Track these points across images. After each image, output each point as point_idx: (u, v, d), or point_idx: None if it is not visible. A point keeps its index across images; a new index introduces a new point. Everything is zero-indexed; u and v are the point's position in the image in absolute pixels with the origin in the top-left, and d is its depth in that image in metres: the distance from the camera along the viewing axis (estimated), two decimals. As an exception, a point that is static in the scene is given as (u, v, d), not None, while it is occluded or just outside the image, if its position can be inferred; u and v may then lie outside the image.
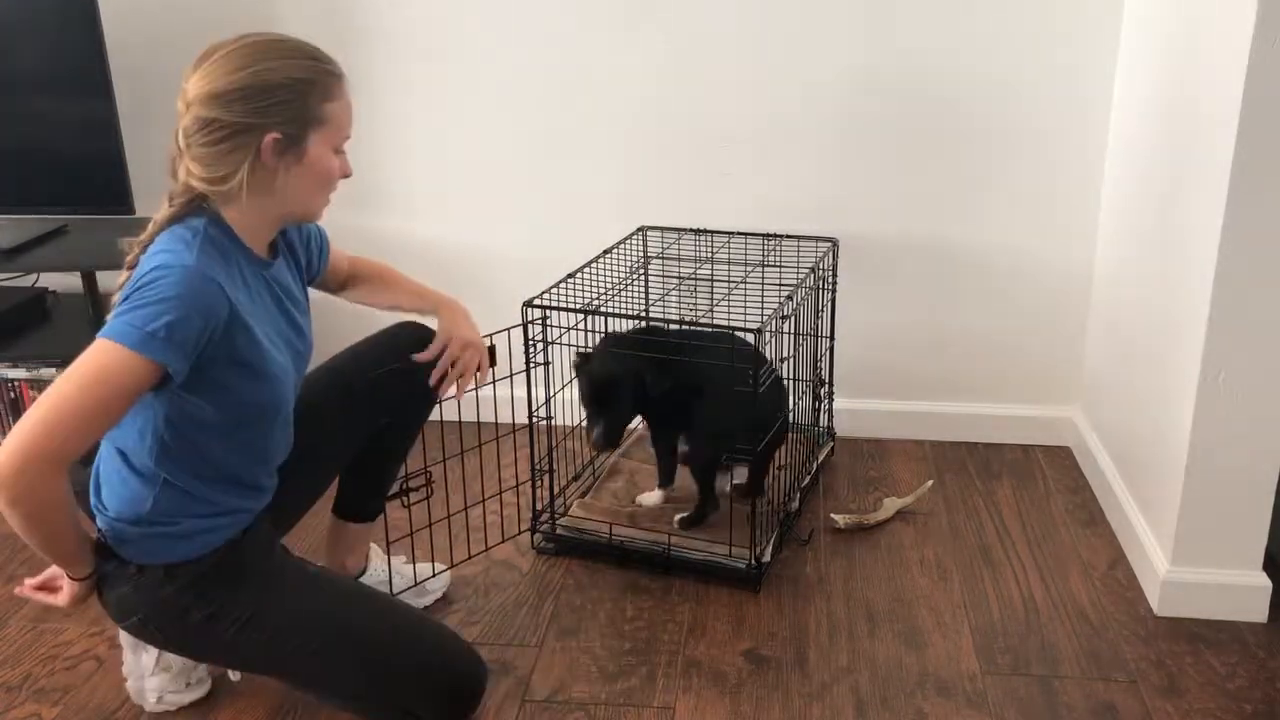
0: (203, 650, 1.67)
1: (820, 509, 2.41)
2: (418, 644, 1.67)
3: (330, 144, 1.56)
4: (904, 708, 1.80)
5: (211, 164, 1.49)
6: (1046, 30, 2.42)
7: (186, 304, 1.42)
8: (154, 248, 1.50)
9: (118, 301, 1.46)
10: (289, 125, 1.50)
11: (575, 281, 2.29)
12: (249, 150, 1.49)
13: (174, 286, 1.42)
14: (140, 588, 1.58)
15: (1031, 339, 2.65)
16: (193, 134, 1.48)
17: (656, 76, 2.56)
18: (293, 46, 1.54)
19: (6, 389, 2.57)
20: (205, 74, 1.48)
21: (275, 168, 1.52)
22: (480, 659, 1.72)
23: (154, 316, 1.40)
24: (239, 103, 1.47)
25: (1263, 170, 1.77)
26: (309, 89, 1.51)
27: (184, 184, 1.52)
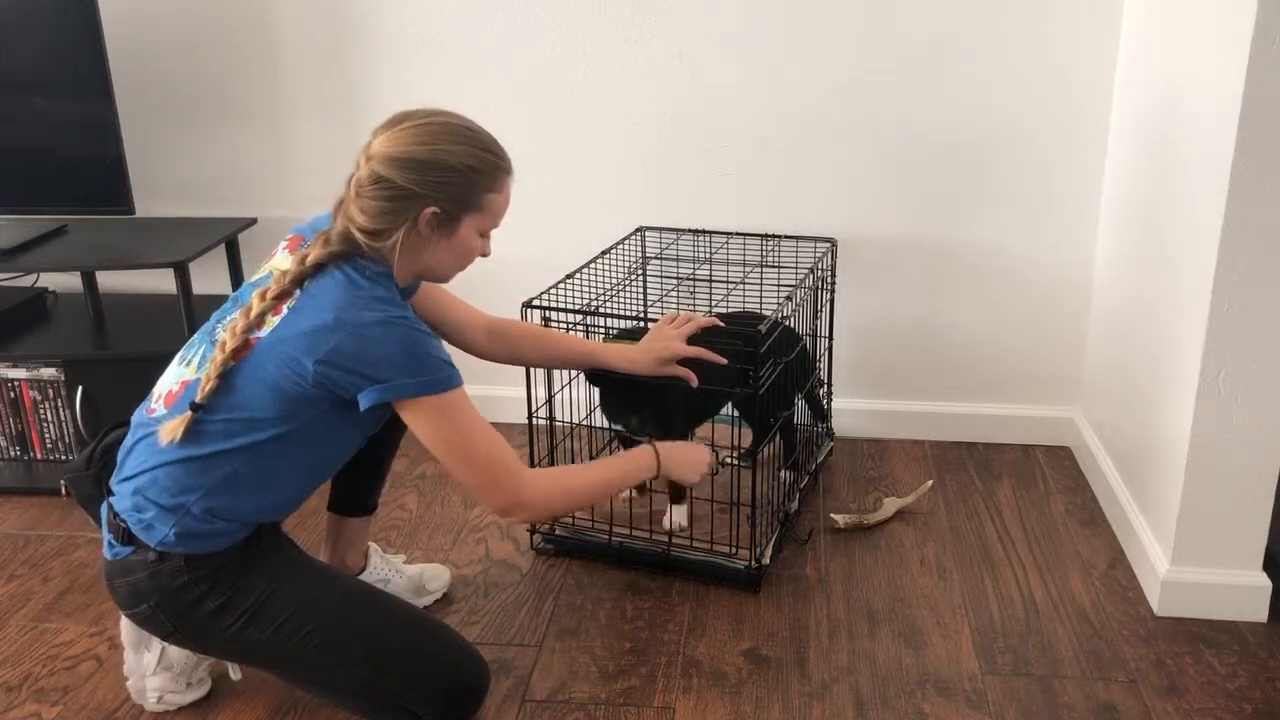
0: (209, 641, 1.68)
1: (820, 509, 2.41)
2: (421, 643, 1.68)
3: (480, 228, 1.68)
4: (904, 708, 1.80)
5: (374, 218, 1.58)
6: (1046, 30, 2.42)
7: (405, 343, 1.56)
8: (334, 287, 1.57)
9: (353, 359, 1.53)
10: (449, 204, 1.61)
11: (574, 282, 2.29)
12: (409, 216, 1.58)
13: (419, 330, 1.58)
14: (157, 575, 1.60)
15: (1031, 339, 2.65)
16: (365, 185, 1.58)
17: (656, 77, 2.56)
18: (475, 136, 1.64)
19: (6, 389, 2.57)
20: (393, 137, 1.58)
21: (426, 236, 1.62)
22: (482, 660, 1.72)
23: (433, 359, 1.57)
24: (413, 172, 1.57)
25: (1263, 170, 1.77)
26: (477, 178, 1.62)
27: (343, 230, 1.60)
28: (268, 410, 1.56)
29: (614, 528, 2.20)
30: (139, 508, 1.59)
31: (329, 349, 1.52)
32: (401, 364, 1.54)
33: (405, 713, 1.66)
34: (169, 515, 1.58)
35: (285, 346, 1.54)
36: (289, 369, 1.54)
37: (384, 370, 1.53)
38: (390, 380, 1.53)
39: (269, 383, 1.55)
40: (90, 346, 2.56)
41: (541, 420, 2.21)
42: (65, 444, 2.60)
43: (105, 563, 1.67)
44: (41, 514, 2.44)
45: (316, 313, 1.55)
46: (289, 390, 1.55)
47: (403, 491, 2.53)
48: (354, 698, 1.69)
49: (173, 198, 2.76)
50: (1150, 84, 2.23)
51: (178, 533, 1.58)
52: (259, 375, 1.55)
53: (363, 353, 1.52)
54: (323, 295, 1.57)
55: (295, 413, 1.56)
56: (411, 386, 1.54)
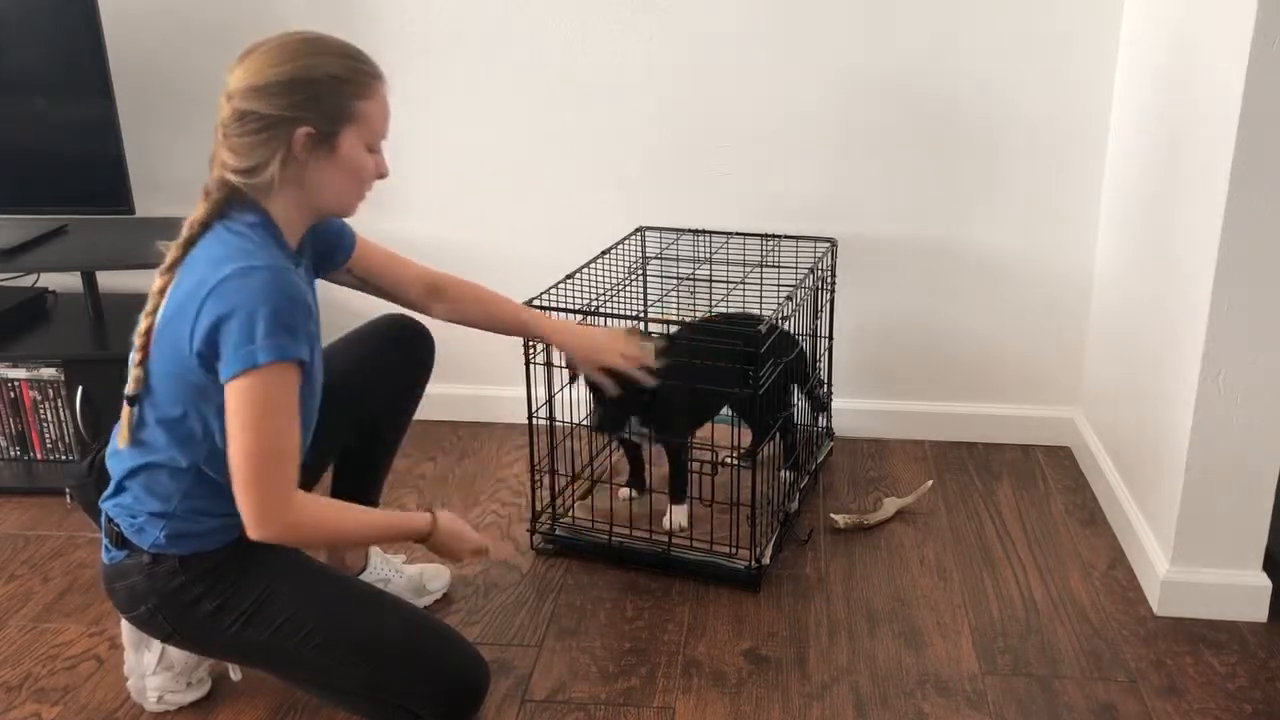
0: (208, 642, 1.67)
1: (820, 509, 2.41)
2: (421, 643, 1.67)
3: (363, 141, 1.59)
4: (904, 708, 1.80)
5: (245, 155, 1.51)
6: (1046, 31, 2.42)
7: (288, 296, 1.46)
8: (209, 252, 1.51)
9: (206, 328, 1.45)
10: (321, 119, 1.53)
11: (574, 282, 2.29)
12: (281, 143, 1.51)
13: (269, 287, 1.45)
14: (153, 577, 1.59)
15: (1031, 339, 2.65)
16: (230, 125, 1.52)
17: (656, 76, 2.56)
18: (333, 45, 1.58)
19: (6, 389, 2.57)
20: (247, 68, 1.52)
21: (306, 161, 1.54)
22: (483, 660, 1.72)
23: (270, 324, 1.43)
24: (276, 96, 1.50)
25: (1263, 170, 1.77)
26: (344, 86, 1.55)
27: (218, 177, 1.54)
28: (186, 401, 1.52)
29: (614, 528, 2.20)
30: (130, 513, 1.59)
31: (194, 318, 1.46)
32: (244, 327, 1.44)
33: (405, 713, 1.65)
34: (156, 519, 1.57)
35: (170, 327, 1.50)
36: (175, 350, 1.49)
37: (233, 334, 1.44)
38: (238, 346, 1.44)
39: (172, 372, 1.51)
40: (90, 346, 2.56)
41: (541, 420, 2.21)
42: (65, 444, 2.60)
43: (103, 567, 1.66)
44: (41, 514, 2.44)
45: (187, 280, 1.49)
46: (189, 375, 1.49)
47: (403, 491, 2.53)
48: (354, 698, 1.69)
49: (173, 198, 2.75)
50: (1150, 84, 2.23)
51: (168, 534, 1.57)
52: (162, 368, 1.52)
53: (209, 313, 1.45)
54: (195, 260, 1.51)
55: (206, 397, 1.50)
56: (254, 353, 1.43)
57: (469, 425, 2.83)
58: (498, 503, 2.47)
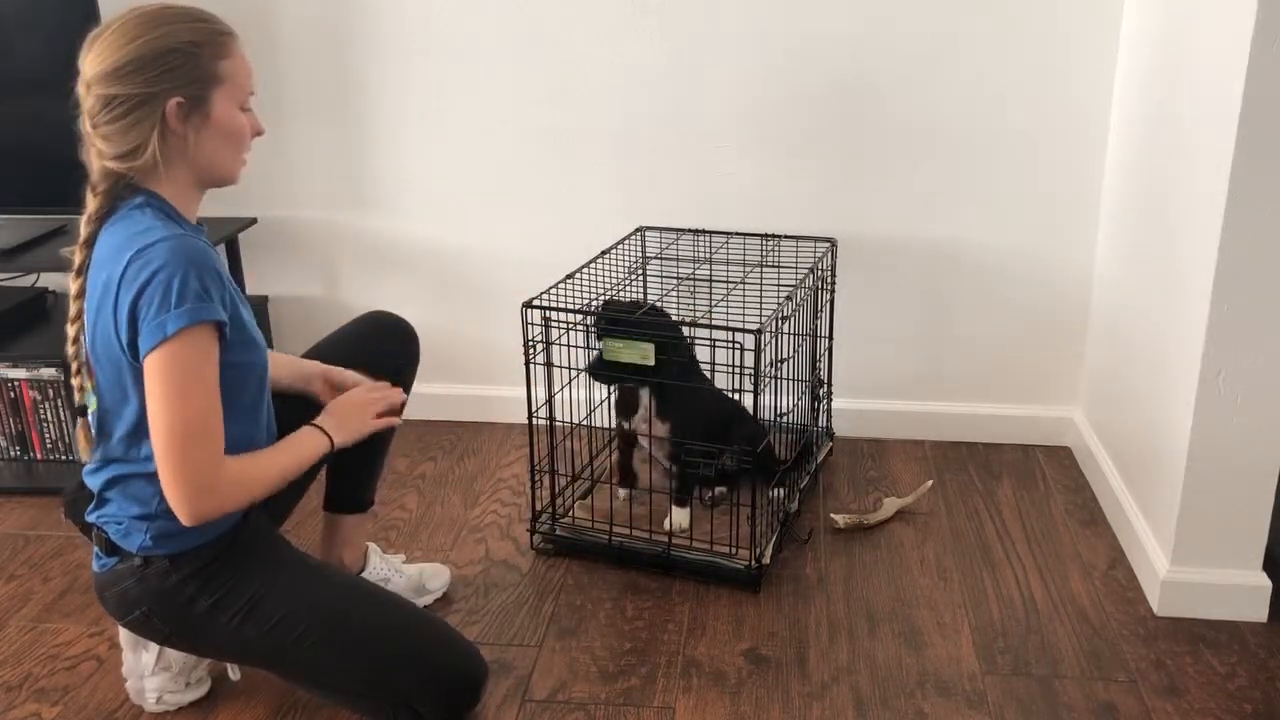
0: (206, 641, 1.67)
1: (820, 509, 2.41)
2: (420, 638, 1.67)
3: (235, 101, 1.57)
4: (904, 708, 1.80)
5: (120, 139, 1.49)
6: (1046, 31, 2.42)
7: (192, 262, 1.45)
8: (109, 246, 1.50)
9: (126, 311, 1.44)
10: (189, 88, 1.51)
11: (574, 282, 2.29)
12: (154, 119, 1.50)
13: (170, 255, 1.44)
14: (144, 580, 1.59)
15: (1031, 339, 2.65)
16: (97, 114, 1.49)
17: (656, 76, 2.56)
18: (178, 11, 1.54)
19: (6, 389, 2.57)
20: (98, 53, 1.50)
21: (184, 132, 1.53)
22: (481, 655, 1.72)
23: (179, 291, 1.42)
24: (135, 74, 1.48)
25: (1263, 170, 1.77)
26: (200, 50, 1.52)
27: (100, 169, 1.52)
28: (138, 401, 1.51)
29: (614, 528, 2.20)
30: (115, 520, 1.60)
31: (113, 312, 1.46)
32: (151, 300, 1.43)
33: (405, 709, 1.66)
34: (140, 521, 1.58)
35: (97, 333, 1.50)
36: (110, 354, 1.50)
37: (143, 310, 1.43)
38: (150, 320, 1.43)
39: (116, 378, 1.51)
40: (90, 346, 2.56)
41: (541, 420, 2.21)
42: (65, 444, 2.60)
43: (95, 577, 1.66)
44: (41, 514, 2.44)
45: (97, 281, 1.49)
46: (130, 374, 1.49)
47: (403, 491, 2.53)
48: (353, 695, 1.69)
49: (173, 198, 2.75)
50: (1150, 84, 2.23)
51: (154, 535, 1.57)
52: (105, 374, 1.52)
53: (125, 298, 1.44)
54: (99, 259, 1.51)
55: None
56: (168, 320, 1.42)
57: (469, 425, 2.83)
58: (498, 503, 2.47)
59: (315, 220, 2.73)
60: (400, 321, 2.01)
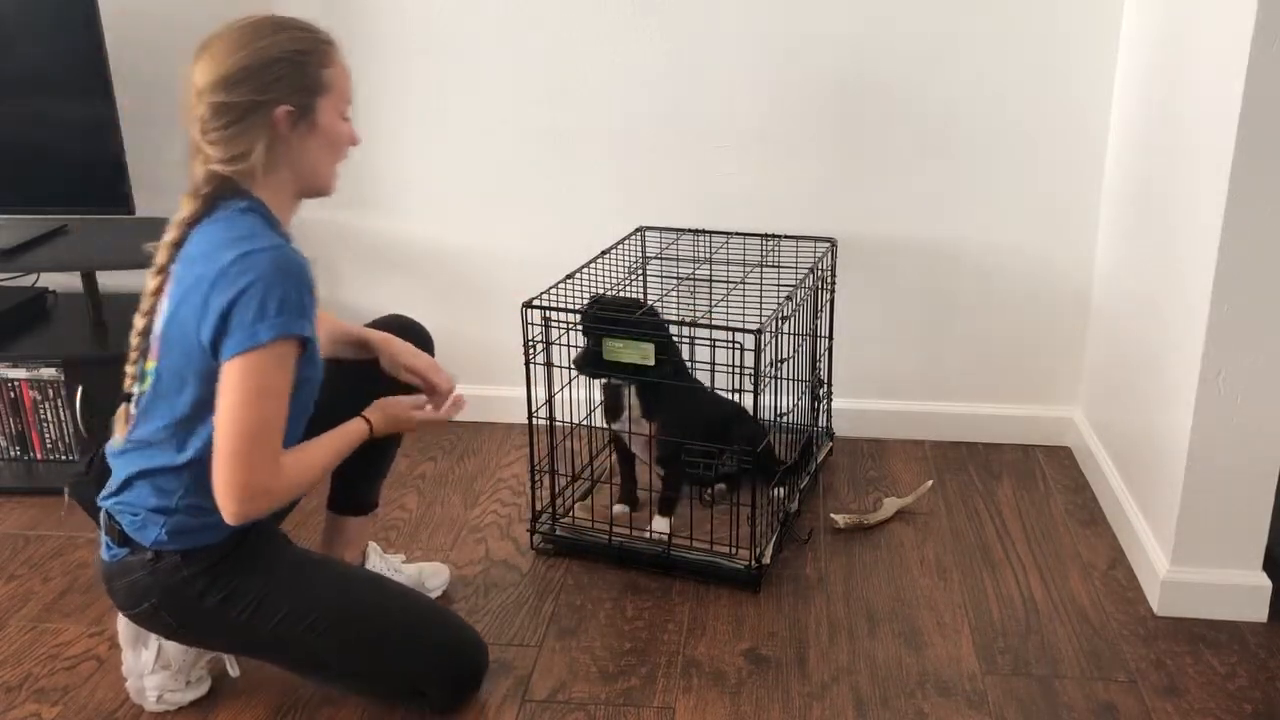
0: (213, 633, 1.68)
1: (820, 509, 2.41)
2: (423, 624, 1.72)
3: (338, 110, 1.62)
4: (904, 708, 1.80)
5: (230, 144, 1.53)
6: (1046, 31, 2.42)
7: (294, 275, 1.49)
8: (206, 244, 1.52)
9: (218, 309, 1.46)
10: (296, 94, 1.55)
11: (574, 282, 2.29)
12: (264, 126, 1.54)
13: (274, 265, 1.48)
14: (156, 573, 1.61)
15: (1031, 339, 2.65)
16: (208, 122, 1.53)
17: (656, 76, 2.56)
18: (284, 21, 1.59)
19: (6, 389, 2.57)
20: (207, 63, 1.53)
21: (290, 139, 1.57)
22: (482, 641, 1.78)
23: (278, 302, 1.46)
24: (245, 83, 1.52)
25: (1263, 170, 1.77)
26: (307, 58, 1.56)
27: (206, 173, 1.55)
28: (195, 394, 1.53)
29: (614, 528, 2.20)
30: (132, 510, 1.61)
31: (201, 306, 1.48)
32: (250, 307, 1.46)
33: (411, 693, 1.70)
34: (158, 515, 1.59)
35: (176, 323, 1.53)
36: (185, 345, 1.51)
37: (240, 315, 1.46)
38: (244, 324, 1.46)
39: (181, 369, 1.53)
40: (90, 346, 2.56)
41: (541, 420, 2.21)
42: (65, 444, 2.60)
43: (102, 565, 1.67)
44: (41, 514, 2.44)
45: (188, 275, 1.52)
46: (199, 367, 1.51)
47: (403, 491, 2.53)
48: (359, 680, 1.72)
49: (173, 198, 2.72)
50: (1150, 84, 2.23)
51: (170, 530, 1.59)
52: (172, 364, 1.54)
53: (219, 298, 1.47)
54: (193, 254, 1.54)
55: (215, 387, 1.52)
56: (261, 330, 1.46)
57: (469, 425, 2.83)
58: (498, 503, 2.47)
59: (315, 220, 2.72)
60: (418, 326, 2.02)
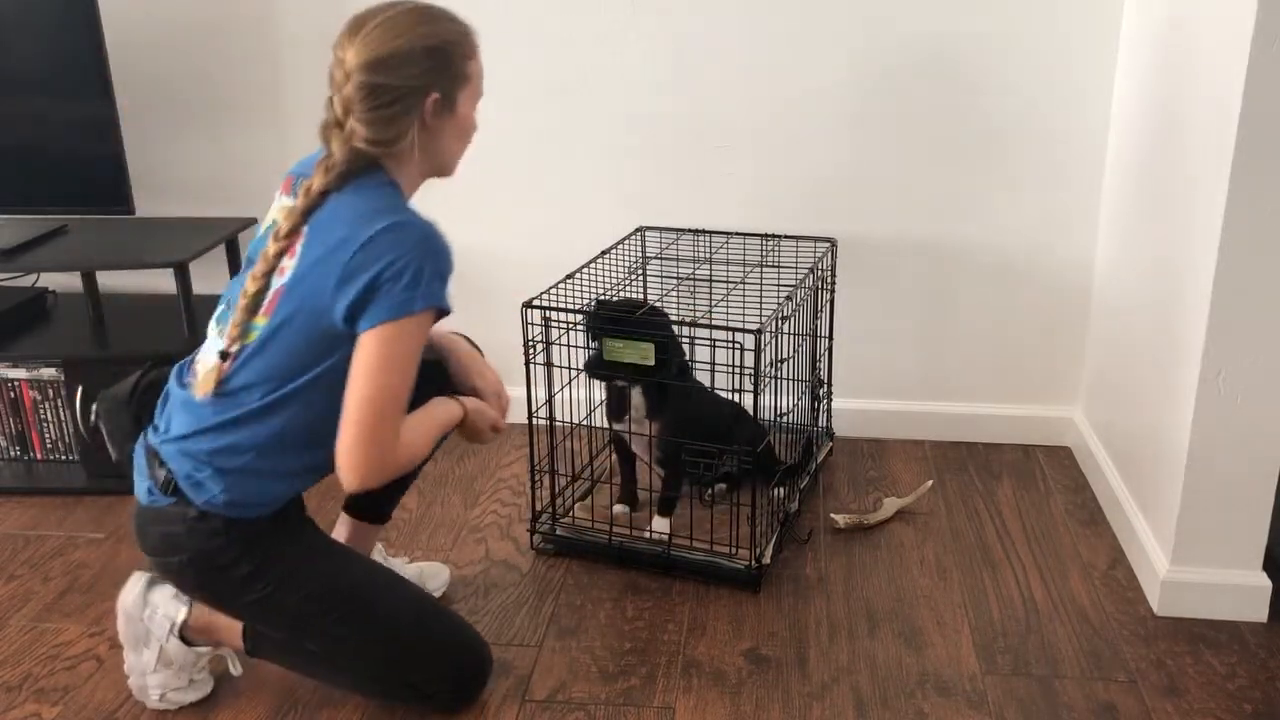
0: (233, 602, 1.68)
1: (820, 509, 2.41)
2: (435, 624, 1.75)
3: (474, 101, 1.67)
4: (904, 708, 1.80)
5: (383, 127, 1.56)
6: (1046, 30, 2.42)
7: (442, 251, 1.56)
8: (350, 211, 1.55)
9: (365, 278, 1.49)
10: (445, 84, 1.60)
11: (574, 282, 2.29)
12: (417, 111, 1.58)
13: (425, 238, 1.54)
14: (195, 532, 1.60)
15: (1031, 339, 2.65)
16: (358, 101, 1.55)
17: (656, 76, 2.56)
18: (439, 11, 1.63)
19: (6, 389, 2.57)
20: (365, 42, 1.55)
21: (434, 126, 1.60)
22: (487, 645, 1.81)
23: (430, 274, 1.52)
24: (404, 67, 1.55)
25: (1263, 170, 1.77)
26: (457, 49, 1.61)
27: (349, 150, 1.57)
28: (303, 357, 1.55)
29: (614, 528, 2.20)
30: (194, 463, 1.59)
31: (341, 270, 1.50)
32: (402, 276, 1.50)
33: (416, 691, 1.73)
34: (221, 476, 1.58)
35: (305, 284, 1.54)
36: (312, 305, 1.53)
37: (390, 283, 1.49)
38: (395, 293, 1.49)
39: (299, 328, 1.55)
40: (90, 346, 2.56)
41: (541, 420, 2.21)
42: (65, 444, 2.60)
43: (138, 506, 1.66)
44: (41, 514, 2.44)
45: (327, 238, 1.54)
46: (319, 329, 1.54)
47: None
48: (366, 674, 1.73)
49: (173, 198, 2.76)
50: (1150, 83, 2.23)
51: (227, 499, 1.59)
52: (289, 322, 1.55)
53: (366, 265, 1.49)
54: (330, 220, 1.56)
55: (329, 352, 1.55)
56: (412, 300, 1.50)
57: (469, 425, 2.83)
58: (498, 503, 2.47)
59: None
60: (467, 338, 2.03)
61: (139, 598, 1.77)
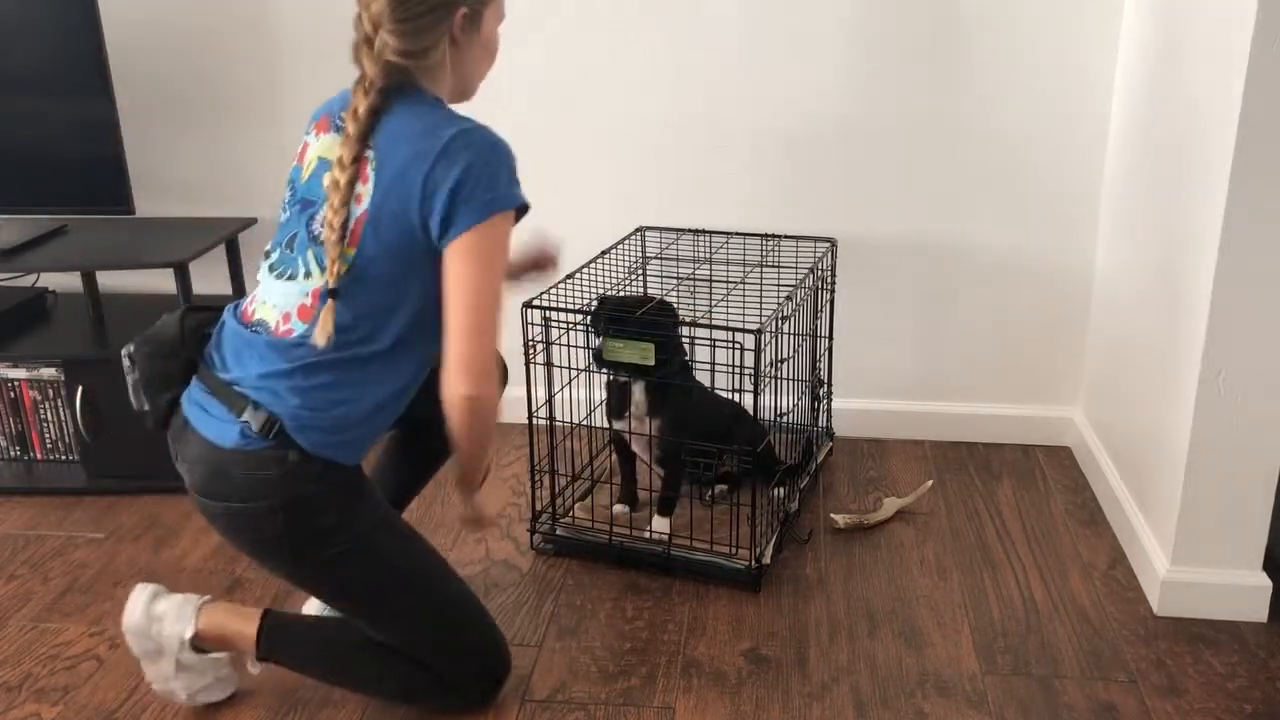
0: (300, 556, 1.62)
1: (820, 509, 2.41)
2: (479, 618, 1.77)
3: (496, 18, 1.68)
4: (904, 708, 1.80)
5: (414, 37, 1.55)
6: (1046, 30, 2.42)
7: (509, 152, 1.57)
8: (412, 126, 1.55)
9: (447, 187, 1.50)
10: (472, 1, 1.59)
11: (574, 282, 2.29)
12: (447, 24, 1.58)
13: (493, 140, 1.56)
14: (291, 477, 1.55)
15: (1031, 339, 2.65)
16: (388, 13, 1.54)
17: (656, 76, 2.56)
18: None
19: (6, 389, 2.57)
20: None
21: (460, 42, 1.61)
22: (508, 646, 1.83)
23: (508, 172, 1.55)
24: None
25: (1263, 170, 1.77)
26: None
27: (386, 63, 1.56)
28: (398, 283, 1.56)
29: (614, 528, 2.20)
30: (307, 404, 1.55)
31: (423, 186, 1.51)
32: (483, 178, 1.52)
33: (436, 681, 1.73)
34: (333, 414, 1.56)
35: (386, 207, 1.53)
36: (401, 227, 1.53)
37: (473, 186, 1.51)
38: (481, 194, 1.51)
39: (391, 252, 1.54)
40: (90, 346, 2.56)
41: (541, 420, 2.21)
42: (65, 444, 2.60)
43: (215, 451, 1.56)
44: (41, 514, 2.44)
45: (395, 160, 1.54)
46: (410, 250, 1.54)
47: (403, 491, 2.52)
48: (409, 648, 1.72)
49: (173, 198, 2.76)
50: (1150, 84, 2.23)
51: (337, 438, 1.57)
52: (379, 251, 1.54)
53: (446, 176, 1.51)
54: (393, 141, 1.55)
55: (422, 272, 1.56)
56: (497, 199, 1.53)
57: (469, 425, 2.83)
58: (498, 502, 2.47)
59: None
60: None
61: (143, 614, 1.72)
